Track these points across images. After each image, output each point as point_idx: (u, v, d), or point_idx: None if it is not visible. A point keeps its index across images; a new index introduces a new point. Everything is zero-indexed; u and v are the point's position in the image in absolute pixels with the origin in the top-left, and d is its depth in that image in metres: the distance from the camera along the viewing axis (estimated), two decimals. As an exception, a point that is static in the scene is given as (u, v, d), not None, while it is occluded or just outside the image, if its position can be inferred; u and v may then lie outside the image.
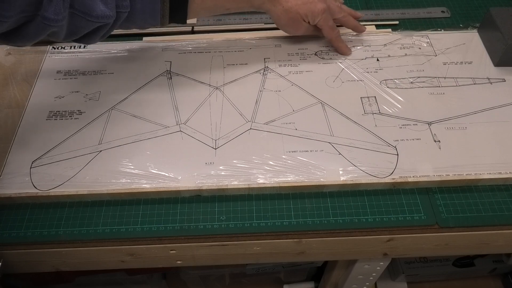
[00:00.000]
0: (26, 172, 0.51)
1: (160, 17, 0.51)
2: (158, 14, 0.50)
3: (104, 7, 0.46)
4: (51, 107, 0.57)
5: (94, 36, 0.50)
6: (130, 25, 0.52)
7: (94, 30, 0.48)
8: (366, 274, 0.69)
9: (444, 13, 0.69)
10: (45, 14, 0.42)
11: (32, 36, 0.44)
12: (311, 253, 0.51)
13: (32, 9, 0.42)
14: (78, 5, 0.44)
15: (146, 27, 0.54)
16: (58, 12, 0.42)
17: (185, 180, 0.50)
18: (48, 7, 0.42)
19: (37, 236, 0.48)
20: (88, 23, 0.46)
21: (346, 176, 0.50)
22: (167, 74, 0.61)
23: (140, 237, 0.48)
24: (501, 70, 0.60)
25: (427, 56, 0.62)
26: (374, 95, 0.58)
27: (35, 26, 0.43)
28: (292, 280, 0.93)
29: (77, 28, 0.47)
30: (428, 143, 0.53)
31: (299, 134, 0.54)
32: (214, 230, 0.48)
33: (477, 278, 0.98)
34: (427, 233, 0.48)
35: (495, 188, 0.51)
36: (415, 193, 0.50)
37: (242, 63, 0.62)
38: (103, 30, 0.49)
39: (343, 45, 0.63)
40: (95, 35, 0.50)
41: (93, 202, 0.50)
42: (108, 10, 0.46)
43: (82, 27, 0.47)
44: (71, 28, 0.47)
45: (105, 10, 0.46)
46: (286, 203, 0.50)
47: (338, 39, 0.62)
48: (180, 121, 0.55)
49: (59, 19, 0.43)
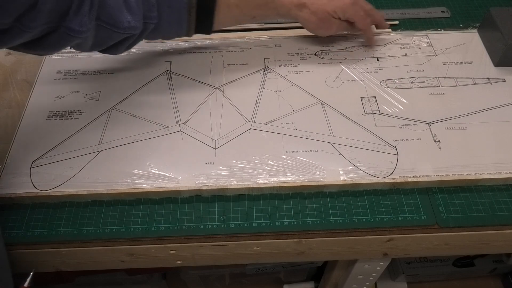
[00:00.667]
0: (26, 172, 0.51)
1: (186, 28, 0.51)
2: (184, 25, 0.50)
3: (131, 18, 0.46)
4: (51, 107, 0.57)
5: (120, 46, 0.50)
6: (156, 35, 0.52)
7: (120, 41, 0.48)
8: (366, 274, 0.69)
9: (444, 13, 0.69)
10: (70, 25, 0.41)
11: (55, 46, 0.44)
12: (311, 253, 0.51)
13: (56, 20, 0.41)
14: (104, 17, 0.44)
15: (171, 37, 0.54)
16: (84, 24, 0.42)
17: (185, 180, 0.50)
18: (74, 18, 0.41)
19: (37, 236, 0.48)
20: (115, 34, 0.46)
21: (346, 176, 0.50)
22: (167, 74, 0.61)
23: (140, 237, 0.48)
24: (501, 70, 0.60)
25: (427, 56, 0.62)
26: (374, 95, 0.58)
27: (58, 36, 0.42)
28: (292, 280, 0.93)
29: (103, 39, 0.47)
30: (428, 143, 0.53)
31: (299, 134, 0.54)
32: (214, 230, 0.48)
33: (477, 278, 0.98)
34: (427, 233, 0.48)
35: (495, 188, 0.51)
36: (415, 193, 0.50)
37: (242, 63, 0.62)
38: (129, 41, 0.49)
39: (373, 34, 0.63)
40: (121, 46, 0.50)
41: (93, 202, 0.50)
42: (135, 21, 0.46)
43: (108, 39, 0.47)
44: (97, 39, 0.46)
45: (132, 21, 0.46)
46: (286, 203, 0.50)
47: (369, 28, 0.62)
48: (180, 121, 0.55)
49: (83, 30, 0.42)
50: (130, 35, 0.48)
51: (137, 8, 0.46)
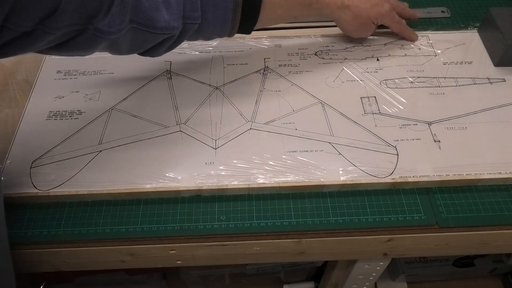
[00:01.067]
0: (26, 172, 0.51)
1: (230, 28, 0.49)
2: (228, 25, 0.49)
3: (168, 17, 0.44)
4: (51, 107, 0.57)
5: (160, 48, 0.48)
6: (198, 36, 0.50)
7: (159, 43, 0.46)
8: (366, 274, 0.69)
9: (444, 13, 0.69)
10: (98, 26, 0.40)
11: (84, 48, 0.43)
12: (311, 253, 0.51)
13: (83, 21, 0.40)
14: (140, 18, 0.43)
15: (213, 38, 0.52)
16: (113, 25, 0.41)
17: (185, 180, 0.50)
18: (103, 19, 0.40)
19: (37, 236, 0.48)
20: (152, 36, 0.45)
21: (346, 176, 0.50)
22: (167, 74, 0.61)
23: (140, 237, 0.48)
24: (501, 70, 0.60)
25: (427, 56, 0.62)
26: (374, 95, 0.58)
27: (86, 38, 0.41)
28: (292, 280, 0.93)
29: (141, 42, 0.45)
30: (428, 143, 0.53)
31: (299, 134, 0.54)
32: (214, 230, 0.48)
33: (477, 278, 0.98)
34: (427, 233, 0.48)
35: (495, 188, 0.51)
36: (415, 193, 0.50)
37: (242, 63, 0.62)
38: (169, 42, 0.47)
39: (411, 32, 0.64)
40: (161, 47, 0.48)
41: (93, 202, 0.50)
42: (173, 21, 0.44)
43: (146, 41, 0.46)
44: (134, 42, 0.45)
45: (170, 21, 0.44)
46: (286, 203, 0.50)
47: (405, 29, 0.63)
48: (180, 121, 0.55)
49: (112, 31, 0.41)
50: (169, 36, 0.46)
51: (176, 7, 0.44)
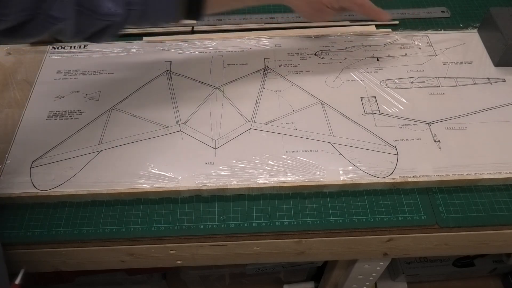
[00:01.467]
0: (26, 172, 0.51)
1: (175, 12, 0.48)
2: (173, 9, 0.48)
3: (111, 4, 0.44)
4: (51, 107, 0.57)
5: (102, 35, 0.48)
6: (143, 22, 0.49)
7: (103, 29, 0.47)
8: (366, 274, 0.69)
9: (444, 13, 0.69)
10: (49, 12, 0.41)
11: (34, 33, 0.43)
12: (311, 253, 0.51)
13: (33, 6, 0.41)
14: (85, 2, 0.43)
15: (159, 23, 0.51)
16: (63, 10, 0.42)
17: (185, 180, 0.50)
18: (53, 5, 0.41)
19: (37, 236, 0.48)
20: (96, 21, 0.45)
21: (346, 176, 0.50)
22: (167, 74, 0.61)
23: (140, 237, 0.48)
24: (501, 70, 0.60)
25: (427, 56, 0.62)
26: (374, 95, 0.58)
27: (37, 23, 0.42)
28: (292, 280, 0.93)
29: (84, 26, 0.46)
30: (428, 143, 0.53)
31: (299, 134, 0.54)
32: (214, 230, 0.48)
33: (477, 278, 0.98)
34: (427, 233, 0.48)
35: (495, 188, 0.51)
36: (415, 193, 0.50)
37: (242, 63, 0.62)
38: (112, 28, 0.47)
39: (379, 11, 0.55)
40: (104, 34, 0.48)
41: (93, 202, 0.50)
42: (116, 8, 0.45)
43: (89, 25, 0.46)
44: (78, 26, 0.45)
45: (113, 7, 0.44)
46: (286, 203, 0.50)
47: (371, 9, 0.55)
48: (180, 121, 0.55)
49: (62, 17, 0.42)
50: (112, 23, 0.46)
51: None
